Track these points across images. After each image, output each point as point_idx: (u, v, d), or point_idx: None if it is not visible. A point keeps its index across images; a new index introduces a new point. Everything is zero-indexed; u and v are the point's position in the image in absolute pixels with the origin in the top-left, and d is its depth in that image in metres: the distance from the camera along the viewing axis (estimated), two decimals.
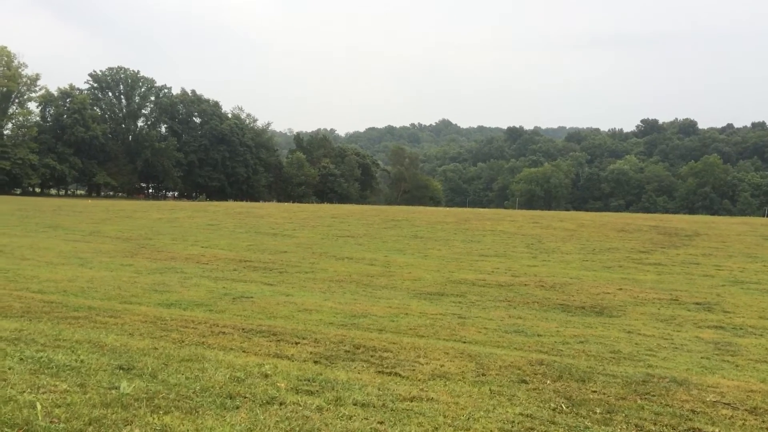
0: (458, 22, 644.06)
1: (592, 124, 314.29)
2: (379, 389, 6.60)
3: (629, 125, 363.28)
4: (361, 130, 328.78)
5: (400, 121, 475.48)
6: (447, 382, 7.32)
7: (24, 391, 5.46)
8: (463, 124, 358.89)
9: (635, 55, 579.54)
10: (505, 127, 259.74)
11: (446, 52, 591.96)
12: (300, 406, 5.65)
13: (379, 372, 7.81)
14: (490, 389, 7.03)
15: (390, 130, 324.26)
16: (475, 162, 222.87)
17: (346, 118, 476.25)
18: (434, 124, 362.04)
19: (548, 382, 7.51)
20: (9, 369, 6.26)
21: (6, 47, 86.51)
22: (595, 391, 7.18)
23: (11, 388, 5.56)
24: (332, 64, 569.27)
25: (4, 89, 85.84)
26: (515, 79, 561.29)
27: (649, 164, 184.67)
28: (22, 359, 6.78)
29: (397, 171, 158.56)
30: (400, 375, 7.66)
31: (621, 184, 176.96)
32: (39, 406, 4.99)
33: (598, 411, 6.39)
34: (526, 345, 10.30)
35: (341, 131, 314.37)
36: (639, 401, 6.85)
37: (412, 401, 6.24)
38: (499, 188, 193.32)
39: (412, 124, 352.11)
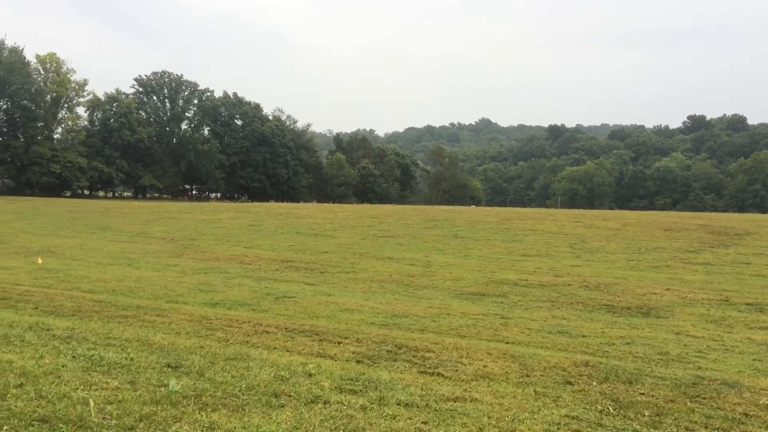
0: (497, 19, 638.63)
1: (637, 121, 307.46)
2: (422, 389, 6.59)
3: (675, 122, 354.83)
4: (401, 130, 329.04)
5: (440, 120, 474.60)
6: (490, 383, 7.27)
7: (77, 388, 5.62)
8: (503, 123, 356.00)
9: (681, 49, 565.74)
10: (546, 126, 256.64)
11: (485, 49, 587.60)
12: (344, 405, 5.68)
13: (422, 372, 7.80)
14: (534, 390, 6.96)
15: (429, 129, 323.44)
16: (515, 161, 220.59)
17: (386, 118, 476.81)
18: (474, 123, 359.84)
19: (594, 383, 7.39)
20: (62, 366, 6.45)
21: (55, 54, 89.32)
22: (643, 394, 7.04)
23: (65, 384, 5.73)
24: (371, 64, 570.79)
25: (54, 95, 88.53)
26: (556, 76, 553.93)
27: (696, 161, 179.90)
28: (74, 357, 6.99)
29: (436, 171, 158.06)
30: (442, 375, 7.64)
31: (667, 182, 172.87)
32: (92, 403, 5.13)
33: (646, 414, 6.26)
34: (570, 346, 10.15)
35: (380, 131, 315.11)
36: (689, 404, 6.69)
37: (455, 402, 6.21)
38: (540, 187, 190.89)
39: (452, 124, 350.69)
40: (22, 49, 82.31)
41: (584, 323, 12.37)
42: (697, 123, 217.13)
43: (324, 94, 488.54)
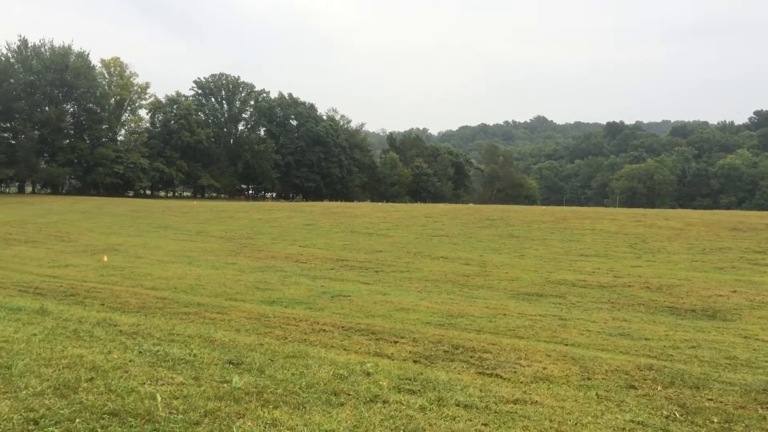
0: (552, 15, 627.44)
1: (699, 117, 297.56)
2: (480, 390, 6.53)
3: (741, 117, 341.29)
4: (454, 128, 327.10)
5: (494, 118, 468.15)
6: (551, 385, 7.15)
7: (144, 383, 5.79)
8: (559, 121, 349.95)
9: (746, 42, 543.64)
10: (604, 123, 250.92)
11: (541, 46, 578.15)
12: (403, 405, 5.68)
13: (480, 373, 7.74)
14: (596, 394, 6.80)
15: (483, 128, 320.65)
16: (572, 159, 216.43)
17: (439, 117, 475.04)
18: (529, 121, 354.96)
19: (659, 388, 7.17)
20: (130, 361, 6.66)
21: (119, 58, 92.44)
22: (711, 399, 6.80)
23: (133, 379, 5.90)
24: (423, 63, 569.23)
25: (118, 98, 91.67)
26: (614, 72, 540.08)
27: (763, 158, 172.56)
28: (141, 352, 7.20)
29: (490, 169, 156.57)
30: (501, 377, 7.55)
31: (732, 180, 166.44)
32: (159, 398, 5.27)
33: (715, 420, 6.04)
34: (632, 349, 9.89)
35: (434, 130, 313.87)
36: (760, 411, 6.42)
37: (515, 404, 6.13)
38: (597, 186, 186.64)
39: (506, 122, 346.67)
40: (88, 54, 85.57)
41: (646, 326, 12.02)
42: (764, 118, 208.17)
43: (377, 93, 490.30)
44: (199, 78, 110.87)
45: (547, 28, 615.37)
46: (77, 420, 4.70)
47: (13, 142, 78.13)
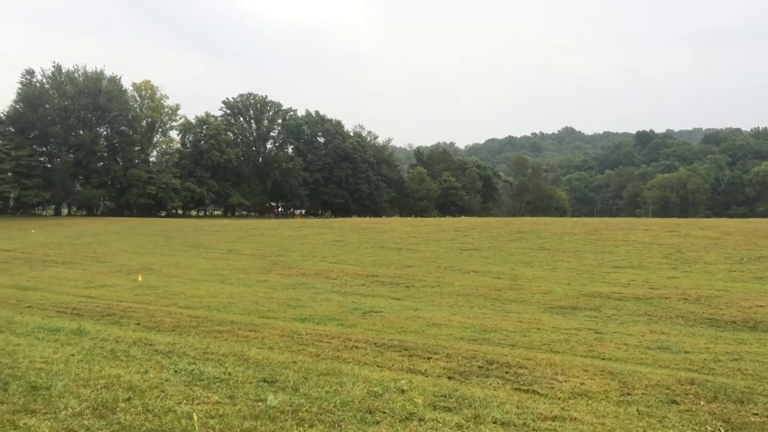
0: (578, 24, 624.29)
1: (732, 124, 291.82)
2: (517, 407, 6.42)
3: None
4: (481, 141, 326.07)
5: (521, 130, 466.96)
6: (589, 401, 7.01)
7: (180, 402, 5.82)
8: (588, 131, 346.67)
9: None
10: (634, 132, 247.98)
11: (567, 56, 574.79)
12: (439, 422, 5.61)
13: (516, 389, 7.62)
14: (637, 410, 6.64)
15: (510, 140, 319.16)
16: (602, 169, 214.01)
17: (466, 130, 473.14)
18: (557, 132, 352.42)
19: (702, 403, 6.98)
20: (166, 381, 6.70)
21: (149, 81, 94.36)
22: (756, 414, 6.59)
23: (169, 398, 5.94)
24: (449, 77, 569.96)
25: (149, 120, 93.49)
26: (643, 80, 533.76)
27: None
28: (176, 371, 7.25)
29: (519, 182, 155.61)
30: (538, 393, 7.43)
31: None
32: (195, 417, 5.28)
33: None
34: (672, 362, 9.65)
35: (461, 144, 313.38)
36: None
37: (554, 420, 6.01)
38: (629, 196, 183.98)
39: (533, 133, 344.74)
40: (120, 78, 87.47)
41: (686, 338, 11.75)
42: None
43: (403, 108, 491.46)
44: (227, 98, 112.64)
45: (573, 37, 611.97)
46: None
47: (49, 165, 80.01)
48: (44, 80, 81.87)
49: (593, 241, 31.15)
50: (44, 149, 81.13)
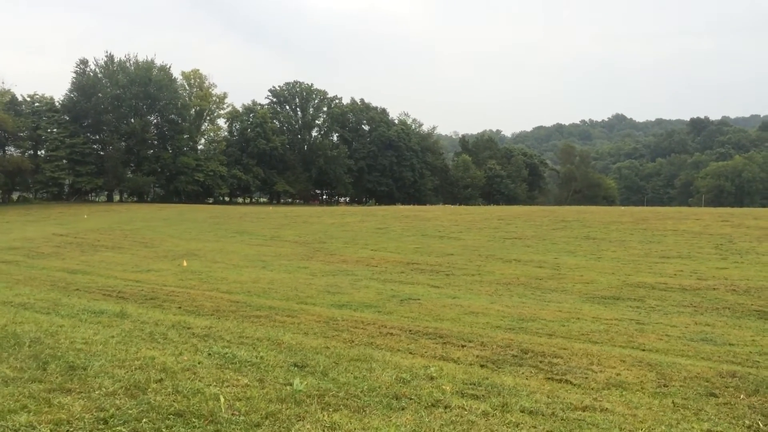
0: (628, 10, 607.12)
1: None
2: (548, 396, 6.32)
3: None
4: (528, 129, 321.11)
5: (569, 118, 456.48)
6: (623, 392, 6.85)
7: (210, 384, 5.92)
8: (639, 118, 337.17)
9: None
10: (687, 119, 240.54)
11: (618, 42, 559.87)
12: (465, 410, 5.56)
13: (549, 378, 7.51)
14: (673, 402, 6.46)
15: (558, 128, 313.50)
16: (653, 158, 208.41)
17: (512, 118, 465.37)
18: (607, 120, 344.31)
19: (742, 396, 6.74)
20: (198, 363, 6.83)
21: (198, 70, 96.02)
22: None
23: (199, 381, 6.05)
24: (496, 63, 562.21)
25: (198, 108, 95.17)
26: (697, 67, 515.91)
27: None
28: (210, 354, 7.38)
29: (566, 170, 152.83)
30: (571, 382, 7.30)
31: None
32: (222, 399, 5.37)
33: None
34: (715, 355, 9.36)
35: (507, 132, 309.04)
36: None
37: (584, 411, 5.90)
38: (681, 185, 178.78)
39: (582, 121, 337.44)
40: (170, 67, 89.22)
41: (731, 330, 11.37)
42: None
43: (449, 96, 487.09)
44: (273, 86, 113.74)
45: (623, 21, 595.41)
46: (144, 420, 4.84)
47: (102, 153, 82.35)
48: (97, 69, 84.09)
49: (641, 230, 30.41)
50: (97, 137, 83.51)
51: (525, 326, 11.66)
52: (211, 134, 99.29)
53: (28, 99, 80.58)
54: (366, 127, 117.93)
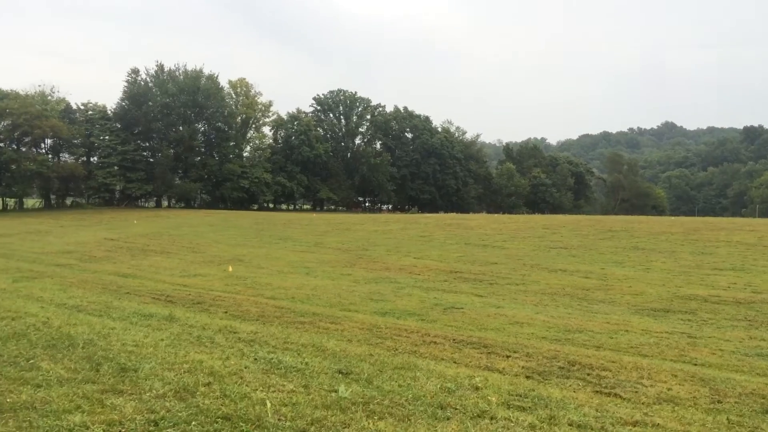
0: (680, 15, 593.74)
1: None
2: (596, 410, 6.19)
3: None
4: (574, 137, 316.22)
5: (617, 126, 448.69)
6: (675, 408, 6.65)
7: (257, 389, 5.98)
8: (690, 126, 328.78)
9: None
10: (741, 127, 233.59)
11: (667, 49, 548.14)
12: (511, 422, 5.48)
13: (597, 392, 7.34)
14: (727, 419, 6.24)
15: (605, 136, 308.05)
16: (704, 167, 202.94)
17: (557, 126, 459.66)
18: (656, 128, 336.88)
19: None
20: (245, 368, 6.91)
21: (245, 79, 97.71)
22: None
23: (246, 385, 6.12)
24: (540, 71, 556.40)
25: (244, 116, 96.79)
26: (750, 73, 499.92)
27: None
28: (256, 359, 7.46)
29: (614, 179, 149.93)
30: (620, 396, 7.13)
31: None
32: (269, 404, 5.42)
33: None
34: None
35: (552, 140, 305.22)
36: None
37: (634, 426, 5.75)
38: (734, 195, 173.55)
39: (630, 129, 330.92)
40: (217, 76, 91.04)
41: None
42: None
43: (493, 104, 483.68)
44: (318, 95, 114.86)
45: (674, 27, 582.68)
46: (193, 423, 4.92)
47: (151, 159, 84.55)
48: (148, 78, 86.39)
49: (692, 241, 29.61)
50: (147, 144, 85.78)
51: (571, 337, 11.46)
52: (257, 142, 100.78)
53: (82, 107, 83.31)
54: (409, 135, 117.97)
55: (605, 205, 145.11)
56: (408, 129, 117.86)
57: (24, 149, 74.45)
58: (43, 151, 77.95)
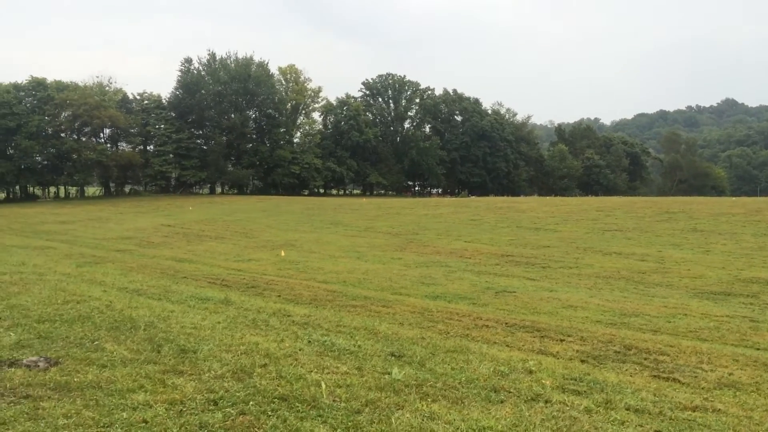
0: None
1: None
2: (654, 395, 6.08)
3: None
4: (629, 117, 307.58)
5: (674, 104, 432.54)
6: (737, 393, 6.48)
7: (311, 371, 6.08)
8: (752, 103, 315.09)
9: None
10: None
11: (727, 23, 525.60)
12: (567, 405, 5.43)
13: (654, 376, 7.21)
14: None
15: (662, 114, 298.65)
16: (767, 145, 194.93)
17: (612, 105, 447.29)
18: (715, 105, 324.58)
19: None
20: (299, 350, 7.03)
21: (294, 65, 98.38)
22: None
23: (301, 367, 6.23)
24: (593, 49, 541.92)
25: (294, 102, 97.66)
26: None
27: None
28: (310, 342, 7.58)
29: (671, 159, 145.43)
30: (679, 381, 6.98)
31: None
32: (323, 386, 5.50)
33: None
34: None
35: (606, 120, 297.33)
36: None
37: (694, 411, 5.62)
38: None
39: (688, 107, 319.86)
40: (267, 63, 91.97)
41: None
42: None
43: (544, 84, 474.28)
44: (367, 79, 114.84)
45: (732, 3, 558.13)
46: (251, 402, 5.04)
47: (204, 147, 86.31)
48: (200, 67, 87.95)
49: (754, 222, 28.56)
50: (200, 132, 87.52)
51: (627, 321, 11.24)
52: (307, 127, 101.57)
53: (138, 97, 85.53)
54: (458, 118, 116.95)
55: (662, 186, 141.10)
56: (457, 112, 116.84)
57: (84, 139, 76.97)
58: (102, 140, 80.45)
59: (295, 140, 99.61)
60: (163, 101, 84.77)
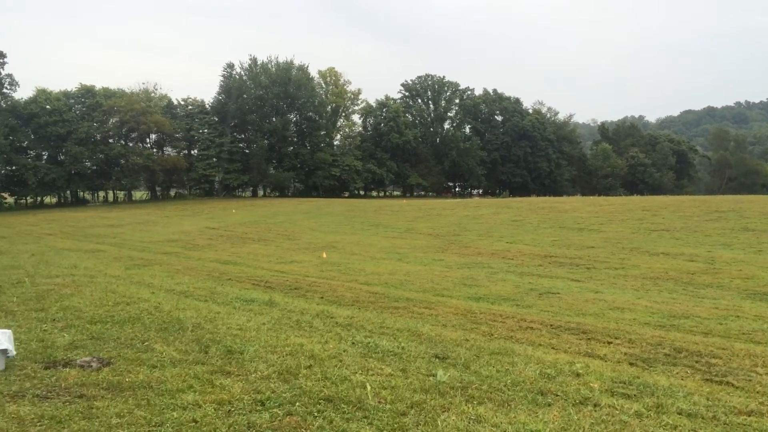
0: None
1: None
2: (707, 399, 5.91)
3: None
4: (675, 114, 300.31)
5: (722, 100, 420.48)
6: None
7: (356, 372, 6.10)
8: None
9: None
10: None
11: None
12: (616, 409, 5.32)
13: (707, 380, 7.02)
14: None
15: (709, 111, 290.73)
16: None
17: (657, 102, 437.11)
18: (765, 101, 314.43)
19: None
20: (343, 351, 7.06)
21: (334, 68, 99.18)
22: None
23: (346, 368, 6.25)
24: (638, 46, 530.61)
25: (333, 105, 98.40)
26: None
27: None
28: (353, 343, 7.61)
29: (719, 156, 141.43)
30: (732, 385, 6.78)
31: None
32: (368, 387, 5.52)
33: None
34: None
35: (651, 117, 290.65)
36: None
37: (749, 416, 5.45)
38: None
39: (737, 103, 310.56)
40: (307, 67, 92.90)
41: None
42: None
43: (586, 82, 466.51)
44: (406, 80, 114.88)
45: None
46: (297, 403, 5.09)
47: (247, 151, 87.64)
48: (242, 72, 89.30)
49: None
50: (243, 136, 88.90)
51: (677, 323, 10.97)
52: (347, 130, 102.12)
53: (182, 102, 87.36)
54: (499, 118, 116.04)
55: (710, 184, 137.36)
56: (498, 112, 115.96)
57: (131, 144, 78.95)
58: (148, 145, 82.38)
59: (335, 142, 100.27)
60: (207, 106, 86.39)
